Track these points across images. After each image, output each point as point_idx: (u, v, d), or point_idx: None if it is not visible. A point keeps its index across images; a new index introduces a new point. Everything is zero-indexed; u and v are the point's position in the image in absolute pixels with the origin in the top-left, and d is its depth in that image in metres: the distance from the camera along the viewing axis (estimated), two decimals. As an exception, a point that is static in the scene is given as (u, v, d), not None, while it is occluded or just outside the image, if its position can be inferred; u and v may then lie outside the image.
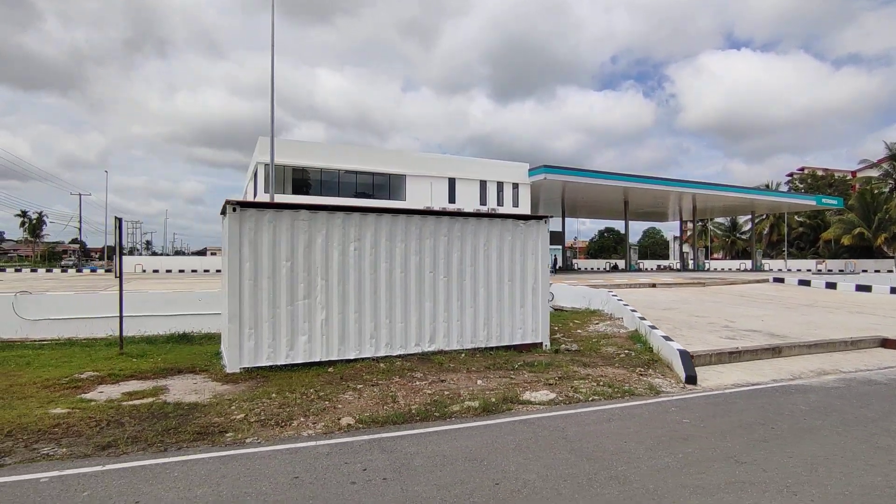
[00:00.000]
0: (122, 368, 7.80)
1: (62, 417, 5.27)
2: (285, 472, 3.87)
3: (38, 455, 4.26)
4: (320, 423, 5.24)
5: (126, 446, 4.48)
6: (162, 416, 5.42)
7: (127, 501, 3.36)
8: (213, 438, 4.74)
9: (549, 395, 6.49)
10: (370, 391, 6.50)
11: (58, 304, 13.66)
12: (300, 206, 8.04)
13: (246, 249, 7.56)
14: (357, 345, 8.24)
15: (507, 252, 9.50)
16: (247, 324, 7.55)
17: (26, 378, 7.20)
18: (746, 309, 15.35)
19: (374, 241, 8.39)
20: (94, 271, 46.57)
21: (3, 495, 3.47)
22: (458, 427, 5.14)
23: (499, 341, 9.35)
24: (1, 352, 9.93)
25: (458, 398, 6.26)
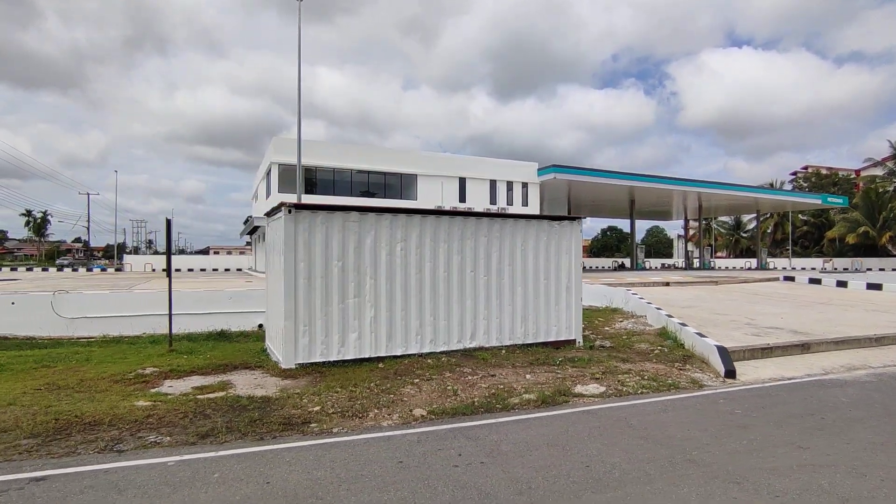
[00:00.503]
0: (180, 364, 8.11)
1: (149, 409, 5.58)
2: (388, 457, 4.19)
3: (147, 442, 4.58)
4: (395, 414, 5.56)
5: (224, 435, 4.79)
6: (240, 408, 5.73)
7: (258, 482, 3.67)
8: (301, 428, 5.06)
9: (599, 388, 6.82)
10: (428, 385, 6.82)
11: (94, 303, 14.00)
12: (351, 207, 8.36)
13: (300, 250, 7.86)
14: (403, 341, 8.56)
15: (542, 252, 9.82)
16: (301, 321, 7.86)
17: (93, 373, 7.52)
18: (763, 307, 15.66)
19: (420, 242, 8.71)
20: (105, 270, 46.86)
21: (141, 476, 3.78)
22: (527, 417, 5.46)
23: (535, 338, 9.67)
24: (53, 349, 10.24)
25: (514, 391, 6.57)
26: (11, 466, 3.96)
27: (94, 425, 4.97)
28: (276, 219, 8.37)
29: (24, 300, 13.57)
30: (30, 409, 5.44)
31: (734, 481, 3.69)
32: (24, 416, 5.17)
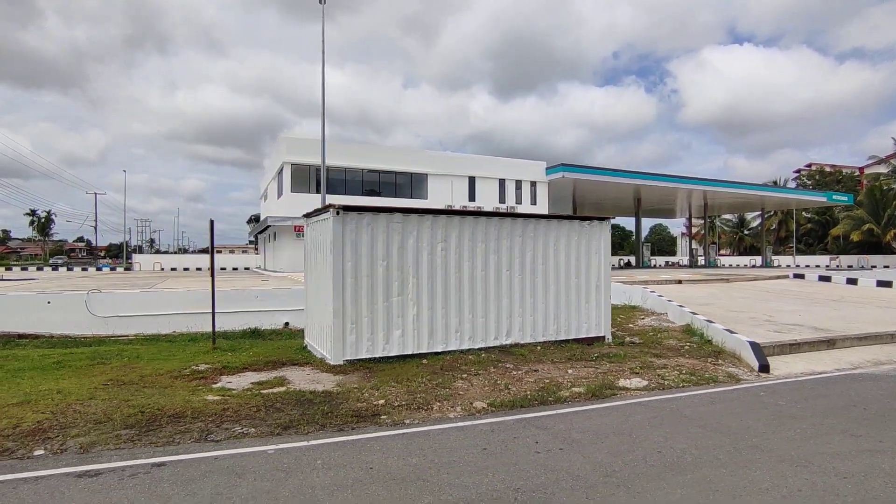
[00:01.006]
0: (230, 362, 8.40)
1: (222, 403, 5.87)
2: (471, 444, 4.48)
3: (237, 433, 4.87)
4: (457, 406, 5.86)
5: (304, 427, 5.08)
6: (307, 402, 6.01)
7: (361, 467, 3.96)
8: (374, 420, 5.35)
9: (642, 382, 7.11)
10: (477, 380, 7.11)
11: (126, 302, 14.29)
12: (395, 209, 8.64)
13: (348, 250, 8.15)
14: (444, 338, 8.85)
15: (573, 251, 10.10)
16: (349, 319, 8.15)
17: (149, 370, 7.80)
18: (778, 304, 15.95)
19: (459, 242, 9.00)
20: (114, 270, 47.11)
21: (251, 462, 4.06)
22: (583, 409, 5.75)
23: (566, 335, 9.96)
24: (98, 347, 10.53)
25: (561, 385, 6.87)
26: (126, 454, 4.25)
27: (178, 417, 5.25)
28: (322, 219, 8.64)
29: (60, 299, 13.85)
30: (111, 403, 5.72)
31: (801, 465, 3.98)
32: (110, 408, 5.46)
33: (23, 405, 5.59)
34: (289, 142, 30.61)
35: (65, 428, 4.84)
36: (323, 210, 8.70)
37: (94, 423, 4.97)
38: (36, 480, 3.68)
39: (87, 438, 4.58)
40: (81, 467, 3.93)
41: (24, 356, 9.25)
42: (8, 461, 4.10)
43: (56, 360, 8.58)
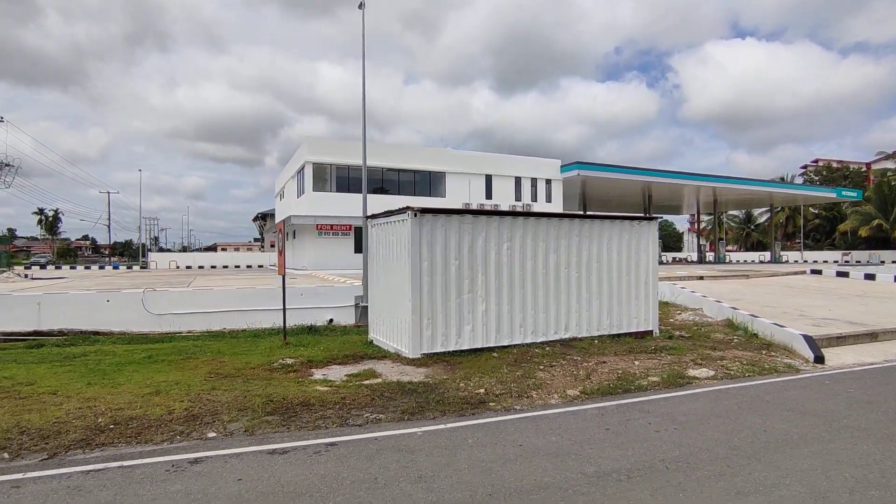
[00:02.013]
0: (311, 356, 8.89)
1: (334, 393, 6.37)
2: (593, 426, 5.00)
3: (371, 419, 5.37)
4: (554, 394, 6.37)
5: (426, 412, 5.58)
6: (411, 391, 6.51)
7: (511, 444, 4.47)
8: (485, 406, 5.85)
9: (709, 372, 7.62)
10: (555, 371, 7.61)
11: (179, 300, 14.80)
12: (465, 211, 9.15)
13: (424, 250, 8.64)
14: (509, 333, 9.36)
15: (624, 249, 10.61)
16: (425, 315, 8.65)
17: (240, 363, 8.31)
18: (805, 299, 16.44)
19: (522, 242, 9.50)
20: (130, 268, 47.58)
21: (412, 442, 4.56)
22: (668, 395, 6.26)
23: (618, 329, 10.47)
24: (170, 342, 11.05)
25: (635, 375, 7.37)
26: (289, 435, 4.76)
27: (306, 406, 5.75)
28: (396, 221, 9.11)
29: (118, 298, 14.37)
30: (235, 393, 6.22)
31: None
32: (240, 398, 5.95)
33: (157, 395, 6.09)
34: (310, 141, 31.05)
35: (215, 414, 5.34)
36: (396, 212, 9.19)
37: (237, 411, 5.47)
38: (239, 457, 4.18)
39: (242, 423, 5.08)
40: (264, 446, 4.43)
41: (110, 351, 9.76)
42: (187, 442, 4.60)
43: (146, 354, 9.08)
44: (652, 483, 3.61)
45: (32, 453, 4.20)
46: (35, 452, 4.21)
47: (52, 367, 7.95)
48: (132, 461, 4.05)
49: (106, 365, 8.23)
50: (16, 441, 4.41)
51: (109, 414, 5.19)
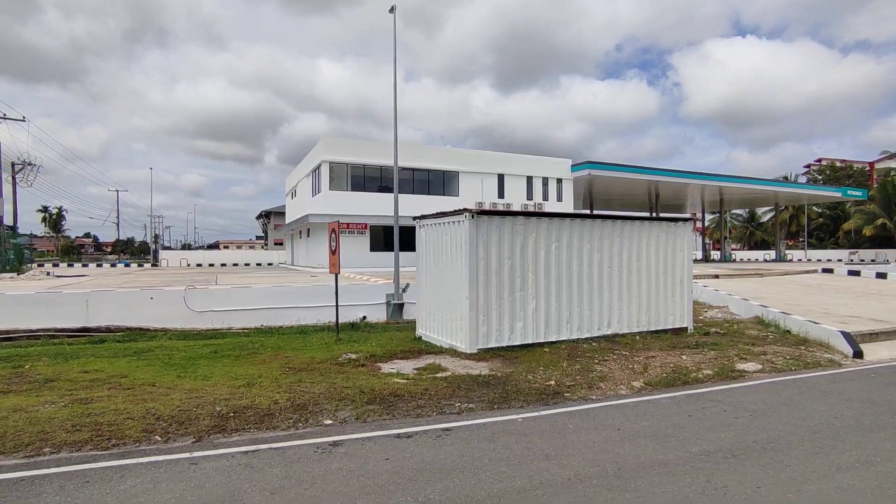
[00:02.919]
0: (371, 351, 9.29)
1: (414, 385, 6.78)
2: (675, 413, 5.42)
3: (464, 407, 5.78)
4: (621, 386, 6.79)
5: (512, 401, 6.00)
6: (484, 383, 6.93)
7: (611, 428, 4.89)
8: (561, 396, 6.27)
9: (756, 365, 8.06)
10: (610, 365, 8.04)
11: (219, 298, 15.19)
12: (517, 213, 9.57)
13: (480, 250, 9.06)
14: (556, 329, 9.79)
15: (661, 249, 11.04)
16: (481, 312, 9.07)
17: (306, 358, 8.71)
18: (824, 297, 16.89)
19: (569, 242, 9.92)
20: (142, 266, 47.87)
21: (516, 426, 4.98)
22: (726, 387, 6.69)
23: (656, 326, 10.91)
24: (221, 339, 11.45)
25: (687, 369, 7.79)
26: (398, 422, 5.17)
27: (397, 396, 6.16)
28: (452, 222, 9.51)
29: (161, 295, 14.75)
30: (323, 385, 6.63)
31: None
32: (332, 389, 6.36)
33: (252, 387, 6.49)
34: (327, 141, 31.41)
35: (317, 404, 5.75)
36: (451, 213, 9.60)
37: (336, 401, 5.88)
38: (371, 440, 4.59)
39: (349, 412, 5.49)
40: (386, 431, 4.85)
41: (172, 346, 10.16)
42: (311, 428, 5.00)
43: (210, 350, 9.49)
44: (757, 460, 4.04)
45: (181, 437, 4.60)
46: (183, 436, 4.61)
47: (131, 362, 8.35)
48: (277, 444, 4.46)
49: (179, 359, 8.63)
50: (157, 426, 4.81)
51: (222, 403, 5.60)
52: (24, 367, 7.67)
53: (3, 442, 4.32)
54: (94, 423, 4.79)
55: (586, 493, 3.42)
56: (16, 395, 5.92)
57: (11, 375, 6.97)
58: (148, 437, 4.55)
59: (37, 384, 6.52)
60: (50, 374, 7.14)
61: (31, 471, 3.80)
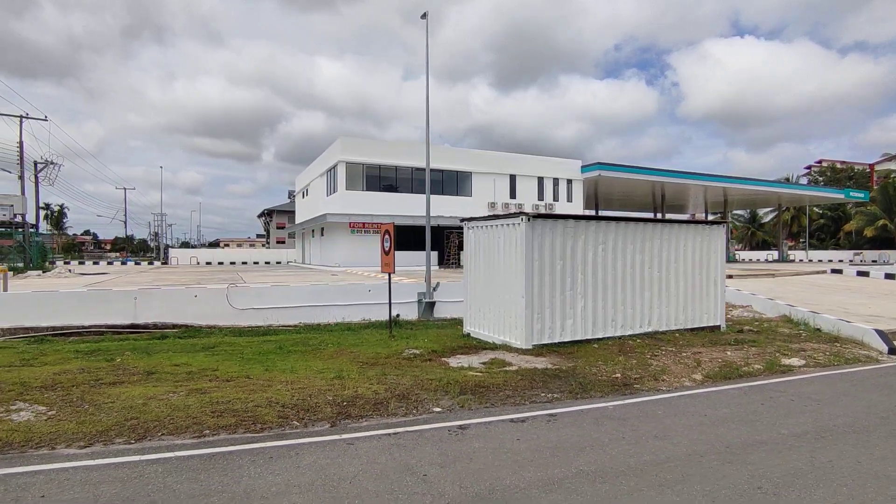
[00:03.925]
0: (429, 347, 9.75)
1: (490, 378, 7.26)
2: (747, 402, 5.95)
3: (550, 397, 6.28)
4: (684, 378, 7.31)
5: (590, 392, 6.51)
6: (554, 376, 7.43)
7: (696, 415, 5.41)
8: (632, 387, 6.78)
9: (800, 361, 8.60)
10: (663, 360, 8.56)
11: (259, 296, 15.63)
12: (568, 216, 10.09)
13: (535, 251, 9.57)
14: (602, 327, 10.31)
15: (697, 250, 11.57)
16: (536, 310, 9.58)
17: (371, 353, 9.17)
18: (840, 297, 17.49)
19: (614, 244, 10.44)
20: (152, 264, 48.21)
21: (613, 412, 5.49)
22: (779, 380, 7.23)
23: (692, 324, 11.45)
24: (274, 336, 11.92)
25: (734, 364, 8.31)
26: (501, 410, 5.67)
27: (484, 387, 6.65)
28: (506, 224, 10.01)
29: (205, 294, 15.20)
30: (406, 377, 7.11)
31: None
32: (419, 381, 6.84)
33: (342, 379, 6.96)
34: (344, 141, 31.85)
35: (416, 394, 6.23)
36: (504, 216, 10.11)
37: (431, 391, 6.37)
38: (491, 424, 5.10)
39: (450, 401, 5.98)
40: (498, 417, 5.35)
41: (233, 342, 10.65)
42: (426, 415, 5.47)
43: (275, 345, 9.97)
44: (845, 440, 4.56)
45: (316, 422, 5.09)
46: (317, 422, 5.10)
47: (209, 356, 8.81)
48: (408, 427, 4.95)
49: (250, 354, 9.09)
50: (289, 413, 5.29)
51: (329, 394, 6.08)
52: (115, 360, 8.13)
53: (165, 425, 4.79)
54: (231, 410, 5.27)
55: (712, 466, 3.94)
56: (132, 385, 6.39)
57: (111, 368, 7.43)
58: (286, 422, 5.03)
59: (141, 376, 6.99)
60: (144, 367, 7.60)
61: (208, 448, 4.27)
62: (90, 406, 5.35)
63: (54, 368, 7.29)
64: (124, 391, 6.05)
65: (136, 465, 3.84)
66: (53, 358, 8.21)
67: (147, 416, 5.00)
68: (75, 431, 4.54)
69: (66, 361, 7.93)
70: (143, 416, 5.02)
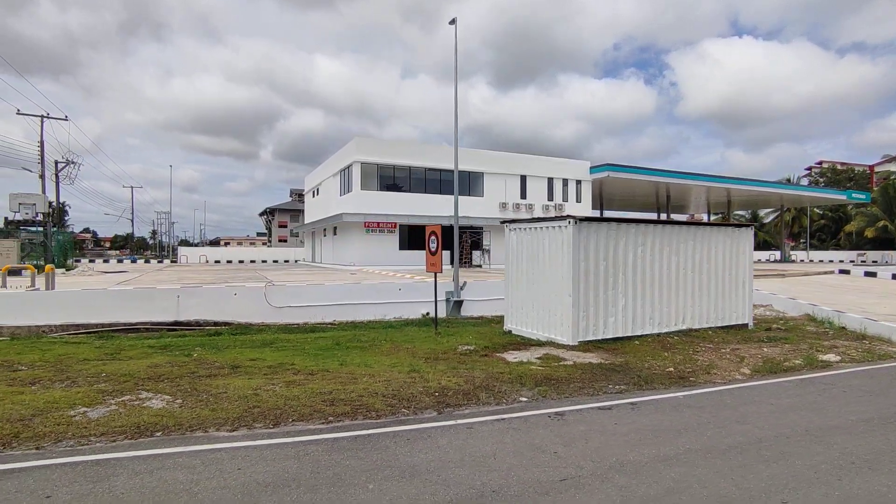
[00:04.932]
0: (480, 343, 10.23)
1: (553, 371, 7.75)
2: (804, 392, 6.46)
3: (615, 389, 6.77)
4: (733, 372, 7.82)
5: (653, 384, 7.00)
6: (611, 370, 7.92)
7: (765, 404, 5.90)
8: (689, 380, 7.27)
9: (836, 357, 9.12)
10: (706, 355, 9.07)
11: (295, 294, 16.09)
12: (611, 219, 10.60)
13: (581, 252, 10.06)
14: (641, 324, 10.82)
15: (727, 252, 12.10)
16: (581, 308, 10.08)
17: (427, 349, 9.64)
18: (853, 297, 18.05)
19: (652, 246, 10.95)
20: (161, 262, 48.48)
21: (685, 401, 5.98)
22: (821, 374, 7.70)
23: (722, 322, 11.98)
24: (323, 332, 12.38)
25: (774, 360, 8.82)
26: (583, 399, 6.16)
27: (553, 379, 7.13)
28: (552, 226, 10.49)
29: (244, 292, 15.64)
30: (476, 371, 7.60)
31: None
32: (492, 375, 7.33)
33: (418, 372, 7.43)
34: (359, 141, 32.27)
35: (495, 385, 6.70)
36: (549, 219, 10.61)
37: (508, 383, 6.84)
38: (582, 411, 5.59)
39: (530, 391, 6.46)
40: (584, 405, 5.84)
41: (288, 339, 11.09)
42: (515, 404, 5.93)
43: (332, 342, 10.43)
44: (914, 424, 5.09)
45: (423, 410, 5.56)
46: (424, 409, 5.57)
47: (274, 352, 9.26)
48: (512, 414, 5.43)
49: (312, 350, 9.55)
50: (394, 403, 5.75)
51: (419, 385, 6.55)
52: (192, 355, 8.59)
53: (289, 413, 5.26)
54: (339, 400, 5.74)
55: (802, 445, 4.45)
56: (229, 378, 6.84)
57: (195, 362, 7.88)
58: (396, 410, 5.51)
59: (228, 369, 7.44)
60: (223, 361, 8.06)
61: (345, 432, 4.73)
62: (207, 395, 5.81)
63: (145, 362, 7.74)
64: (226, 383, 6.50)
65: (298, 445, 4.30)
66: (134, 353, 8.65)
67: (267, 405, 5.47)
68: (213, 418, 5.00)
69: (148, 356, 8.38)
70: (263, 404, 5.48)
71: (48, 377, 6.51)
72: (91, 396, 5.53)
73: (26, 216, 25.69)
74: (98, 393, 5.70)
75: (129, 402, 5.43)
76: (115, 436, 4.40)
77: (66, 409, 5.04)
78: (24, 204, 25.71)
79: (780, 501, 3.32)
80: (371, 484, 3.53)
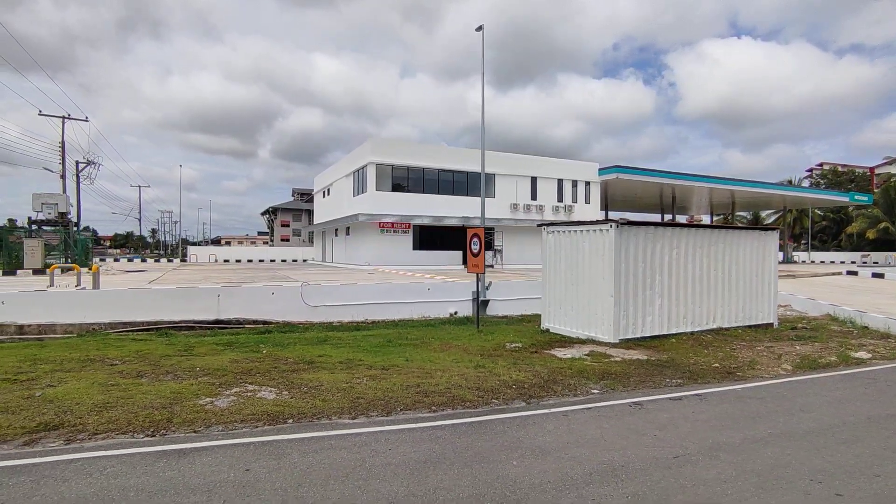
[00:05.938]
0: (525, 341, 10.74)
1: (606, 367, 8.23)
2: (851, 386, 6.97)
3: (674, 383, 7.27)
4: (776, 368, 8.33)
5: (705, 378, 7.51)
6: (658, 365, 8.43)
7: (817, 395, 6.41)
8: (735, 375, 7.76)
9: (867, 354, 9.65)
10: (745, 352, 9.59)
11: (330, 293, 16.56)
12: (649, 223, 11.12)
13: (622, 255, 10.58)
14: (675, 323, 11.34)
15: (754, 254, 12.64)
16: (621, 307, 10.59)
17: (477, 346, 10.12)
18: (865, 297, 18.63)
19: (686, 248, 11.47)
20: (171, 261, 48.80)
21: (744, 393, 6.48)
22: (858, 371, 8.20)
23: (749, 321, 12.51)
24: (367, 331, 12.86)
25: (809, 357, 9.32)
26: (647, 392, 6.66)
27: (611, 374, 7.62)
28: (594, 230, 11.00)
29: (281, 291, 16.10)
30: (540, 367, 8.10)
31: None
32: (554, 370, 7.83)
33: (484, 368, 7.92)
34: (374, 142, 32.73)
35: (561, 379, 7.19)
36: (589, 222, 11.12)
37: (572, 378, 7.34)
38: (660, 401, 6.09)
39: (595, 385, 6.96)
40: (656, 396, 6.32)
41: (337, 336, 11.56)
42: (589, 396, 6.42)
43: (384, 340, 10.91)
44: (967, 413, 5.60)
45: (511, 400, 6.05)
46: (512, 400, 6.06)
47: (334, 349, 9.72)
48: (596, 404, 5.92)
49: (368, 347, 10.01)
50: (479, 394, 6.24)
51: (492, 379, 7.03)
52: (262, 351, 9.05)
53: (393, 403, 5.73)
54: (430, 392, 6.21)
55: (871, 430, 4.96)
56: (312, 372, 7.30)
57: (270, 358, 8.34)
58: (486, 401, 5.99)
59: (305, 364, 7.91)
60: (295, 357, 8.52)
61: (455, 419, 5.21)
62: (307, 388, 6.28)
63: (222, 358, 8.20)
64: (313, 377, 6.97)
65: (424, 430, 4.79)
66: (203, 349, 9.11)
67: (368, 397, 5.94)
68: (328, 407, 5.47)
69: (220, 353, 8.84)
70: (365, 396, 5.96)
71: (148, 370, 6.97)
72: (206, 388, 5.99)
73: (49, 215, 26.04)
74: (209, 385, 6.16)
75: (243, 393, 5.90)
76: (255, 422, 4.86)
77: (193, 399, 5.50)
78: (46, 204, 26.08)
79: (873, 475, 3.83)
80: (514, 461, 4.02)
